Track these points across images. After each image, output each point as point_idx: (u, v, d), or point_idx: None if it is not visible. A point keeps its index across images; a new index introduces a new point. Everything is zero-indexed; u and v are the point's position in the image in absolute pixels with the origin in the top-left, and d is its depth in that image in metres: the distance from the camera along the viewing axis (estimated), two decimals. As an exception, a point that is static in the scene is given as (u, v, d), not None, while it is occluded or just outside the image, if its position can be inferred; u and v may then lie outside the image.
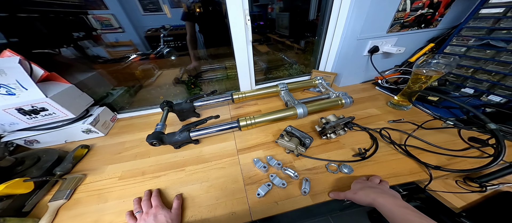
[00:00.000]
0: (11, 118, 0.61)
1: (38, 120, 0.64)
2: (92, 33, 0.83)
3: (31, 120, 0.63)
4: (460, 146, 0.60)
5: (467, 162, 0.55)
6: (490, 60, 0.72)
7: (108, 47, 0.91)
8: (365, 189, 0.45)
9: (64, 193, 0.52)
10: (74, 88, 0.71)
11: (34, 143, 0.68)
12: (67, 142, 0.73)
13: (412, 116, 0.74)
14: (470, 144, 0.59)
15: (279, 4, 1.30)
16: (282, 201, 0.50)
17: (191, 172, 0.60)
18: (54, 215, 0.49)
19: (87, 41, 0.84)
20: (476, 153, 0.57)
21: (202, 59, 1.15)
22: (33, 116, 0.62)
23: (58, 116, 0.65)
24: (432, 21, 0.84)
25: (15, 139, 0.64)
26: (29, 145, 0.68)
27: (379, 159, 0.58)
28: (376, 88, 0.95)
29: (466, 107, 0.53)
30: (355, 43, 0.83)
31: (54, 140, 0.70)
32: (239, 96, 0.86)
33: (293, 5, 1.26)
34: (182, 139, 0.63)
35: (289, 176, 0.55)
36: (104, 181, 0.58)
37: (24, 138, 0.65)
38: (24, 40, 0.66)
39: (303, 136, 0.62)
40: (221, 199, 0.52)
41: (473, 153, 0.57)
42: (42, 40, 0.71)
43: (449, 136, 0.64)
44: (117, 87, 0.97)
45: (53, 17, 0.70)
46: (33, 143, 0.68)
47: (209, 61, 1.16)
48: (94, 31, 0.83)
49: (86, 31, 0.82)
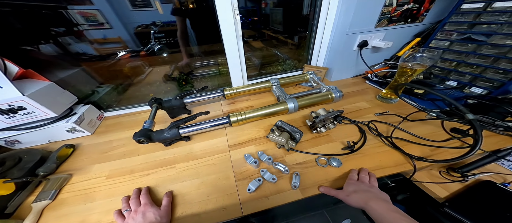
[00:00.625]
0: (-13, 117, 0.57)
1: (17, 119, 0.61)
2: (74, 29, 0.78)
3: (10, 120, 0.60)
4: (443, 136, 0.61)
5: (449, 152, 0.57)
6: (471, 54, 0.74)
7: (96, 44, 0.85)
8: (358, 192, 0.45)
9: (49, 194, 0.50)
10: (54, 86, 0.67)
11: (15, 143, 0.65)
12: (50, 141, 0.70)
13: (399, 108, 0.75)
14: (451, 134, 0.61)
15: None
16: (273, 195, 0.50)
17: (182, 169, 0.59)
18: (38, 216, 0.48)
19: (69, 37, 0.79)
20: (458, 143, 0.59)
21: (195, 55, 1.12)
22: (11, 115, 0.59)
23: (38, 115, 0.62)
24: (418, 16, 0.85)
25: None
26: (10, 145, 0.65)
27: (367, 151, 0.59)
28: (366, 82, 0.96)
29: (447, 99, 0.54)
30: (344, 38, 0.84)
31: (36, 140, 0.67)
32: (231, 92, 0.85)
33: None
34: (171, 136, 0.62)
35: (280, 170, 0.55)
36: (90, 181, 0.56)
37: (4, 138, 0.62)
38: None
39: (293, 130, 0.62)
40: (212, 195, 0.51)
41: (455, 143, 0.59)
42: (16, 36, 0.66)
43: (433, 127, 0.65)
44: (104, 85, 0.93)
45: (27, 11, 0.65)
46: (14, 143, 0.65)
47: (201, 58, 1.13)
48: (75, 26, 0.78)
49: (67, 27, 0.77)
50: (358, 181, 0.49)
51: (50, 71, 0.70)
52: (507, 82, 0.66)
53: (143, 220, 0.42)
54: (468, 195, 0.56)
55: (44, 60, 0.70)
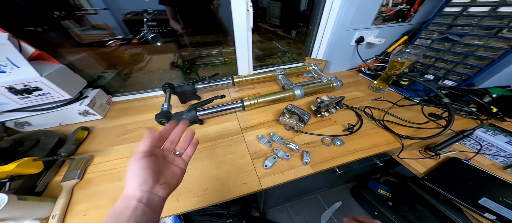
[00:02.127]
0: (0, 97, 0.54)
1: (30, 100, 0.58)
2: (74, 12, 0.74)
3: (23, 100, 0.57)
4: (423, 120, 0.71)
5: (427, 132, 0.66)
6: (447, 52, 0.84)
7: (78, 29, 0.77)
8: None
9: (75, 173, 0.51)
10: (66, 69, 0.65)
11: (25, 125, 0.62)
12: (61, 124, 0.68)
13: (388, 97, 0.84)
14: (429, 118, 0.71)
15: (271, -8, 1.29)
16: (287, 171, 0.54)
17: (200, 150, 0.61)
18: (70, 195, 0.48)
19: (69, 21, 0.75)
20: (434, 125, 0.68)
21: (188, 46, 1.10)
22: (25, 96, 0.56)
23: (53, 96, 0.60)
24: (408, 16, 0.94)
25: (6, 120, 0.58)
26: (19, 128, 0.62)
27: (364, 132, 0.67)
28: (360, 75, 1.04)
29: (430, 87, 0.63)
30: (344, 33, 0.90)
31: (47, 122, 0.65)
32: (240, 80, 0.87)
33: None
34: (189, 118, 0.64)
35: (291, 149, 0.60)
36: (113, 161, 0.57)
37: (15, 120, 0.59)
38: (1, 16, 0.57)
39: (302, 113, 0.66)
40: (232, 172, 0.54)
41: (432, 125, 0.68)
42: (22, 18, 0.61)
43: (414, 113, 0.75)
44: (108, 71, 0.90)
45: None
46: (24, 125, 0.62)
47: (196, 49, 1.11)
48: (77, 10, 0.73)
49: (66, 11, 0.72)
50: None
51: (60, 54, 0.67)
52: (472, 76, 0.77)
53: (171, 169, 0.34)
54: (440, 170, 0.67)
55: (54, 43, 0.66)
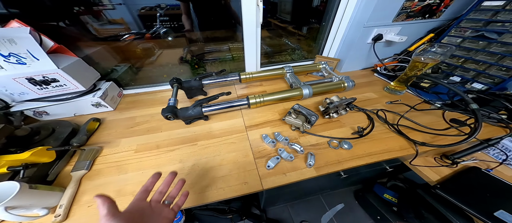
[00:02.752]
0: (21, 87, 0.59)
1: (48, 91, 0.63)
2: (92, 8, 0.78)
3: (42, 91, 0.62)
4: (443, 126, 0.66)
5: (447, 140, 0.61)
6: (480, 51, 0.77)
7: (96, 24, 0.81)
8: None
9: (84, 164, 0.53)
10: (81, 62, 0.69)
11: (43, 114, 0.67)
12: (76, 115, 0.72)
13: (405, 100, 0.79)
14: (450, 124, 0.66)
15: (282, -13, 1.25)
16: (290, 172, 0.54)
17: (204, 146, 0.62)
18: (78, 184, 0.51)
19: (88, 16, 0.79)
20: (455, 132, 0.64)
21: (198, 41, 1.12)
22: (43, 87, 0.61)
23: (69, 87, 0.64)
24: (437, 11, 0.86)
25: (25, 109, 0.63)
26: (38, 116, 0.67)
27: (375, 137, 0.63)
28: (375, 75, 0.99)
29: (455, 90, 0.58)
30: (361, 30, 0.85)
31: (63, 112, 0.69)
32: (247, 77, 0.87)
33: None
34: (195, 114, 0.65)
35: (296, 150, 0.59)
36: (120, 154, 0.59)
37: (34, 109, 0.64)
38: (25, 12, 0.61)
39: (309, 113, 0.65)
40: (234, 171, 0.55)
41: (453, 132, 0.64)
42: (44, 13, 0.66)
43: (434, 117, 0.70)
44: (121, 64, 0.94)
45: None
46: (42, 114, 0.67)
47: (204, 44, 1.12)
48: (95, 6, 0.77)
49: (86, 6, 0.76)
50: None
51: (77, 47, 0.71)
52: (507, 79, 0.70)
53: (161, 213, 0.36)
54: (456, 179, 0.63)
55: (72, 37, 0.71)
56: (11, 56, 0.53)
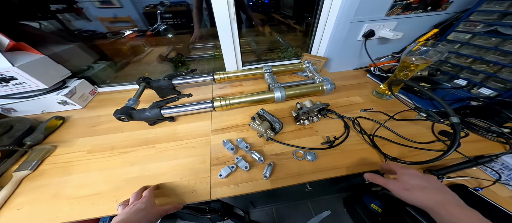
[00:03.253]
0: (-18, 85, 0.61)
1: (10, 89, 0.64)
2: (73, 6, 0.79)
3: (3, 88, 0.64)
4: (429, 138, 0.58)
5: (427, 155, 0.54)
6: (492, 49, 0.66)
7: (106, 22, 0.87)
8: (427, 189, 0.35)
9: (30, 164, 0.53)
10: (47, 59, 0.70)
11: (11, 111, 0.69)
12: (44, 112, 0.74)
13: (393, 105, 0.71)
14: (438, 136, 0.58)
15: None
16: (244, 183, 0.50)
17: (161, 150, 0.60)
18: (16, 186, 0.50)
19: (68, 14, 0.81)
20: (441, 146, 0.56)
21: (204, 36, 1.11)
22: (4, 84, 0.63)
23: (29, 85, 0.65)
24: (441, 3, 0.75)
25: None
26: (6, 113, 0.70)
27: (345, 148, 0.57)
28: (367, 76, 0.90)
29: (435, 97, 0.49)
30: (348, 26, 0.77)
31: (30, 109, 0.71)
32: (221, 77, 0.83)
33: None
34: (153, 116, 0.63)
35: (255, 159, 0.55)
36: (72, 154, 0.59)
37: (1, 106, 0.66)
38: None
39: (274, 120, 0.60)
40: (185, 177, 0.52)
41: (438, 146, 0.56)
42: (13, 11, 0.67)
43: (421, 128, 0.62)
44: (100, 61, 0.95)
45: None
46: (10, 111, 0.69)
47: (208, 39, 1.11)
48: (74, 4, 0.79)
49: (67, 4, 0.78)
50: (424, 174, 0.40)
51: (45, 45, 0.72)
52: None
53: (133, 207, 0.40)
54: None
55: (38, 35, 0.72)
56: None
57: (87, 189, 0.50)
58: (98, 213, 0.46)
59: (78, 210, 0.46)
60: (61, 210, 0.46)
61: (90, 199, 0.48)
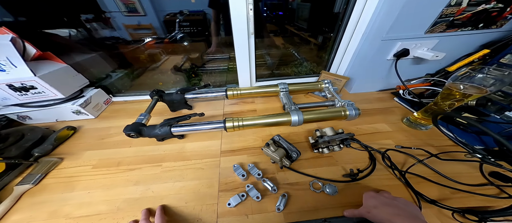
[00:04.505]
0: (2, 93, 0.65)
1: (28, 97, 0.68)
2: (102, 16, 0.86)
3: (22, 97, 0.68)
4: (476, 180, 0.51)
5: (475, 199, 0.47)
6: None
7: (130, 30, 0.96)
8: (379, 207, 0.40)
9: (34, 178, 0.53)
10: (68, 69, 0.74)
11: (26, 118, 0.74)
12: (58, 121, 0.78)
13: (430, 137, 0.65)
14: (489, 179, 0.51)
15: (302, -7, 1.21)
16: (253, 214, 0.48)
17: (168, 169, 0.59)
18: (15, 200, 0.50)
19: (96, 24, 0.88)
20: (493, 191, 0.49)
21: (219, 47, 1.15)
22: (23, 93, 0.67)
23: (47, 94, 0.69)
24: (497, 19, 0.68)
25: (8, 113, 0.70)
26: (22, 120, 0.74)
27: (371, 182, 0.53)
28: (395, 99, 0.84)
29: (497, 137, 0.43)
30: (378, 44, 0.73)
31: (45, 117, 0.75)
32: (234, 93, 0.83)
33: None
34: (162, 133, 0.63)
35: (267, 188, 0.52)
36: (77, 168, 0.60)
37: (17, 113, 0.71)
38: (32, 20, 0.71)
39: (291, 149, 0.57)
40: (191, 202, 0.51)
41: (488, 190, 0.49)
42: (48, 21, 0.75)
43: (465, 167, 0.55)
44: (118, 70, 1.00)
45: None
46: (26, 118, 0.73)
47: (222, 50, 1.15)
48: (102, 13, 0.86)
49: (95, 13, 0.85)
50: (378, 194, 0.45)
51: (69, 54, 0.77)
52: None
53: None
54: None
55: (64, 44, 0.78)
56: None
57: (87, 208, 0.50)
58: None
59: None
60: None
61: (88, 220, 0.47)
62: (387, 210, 0.39)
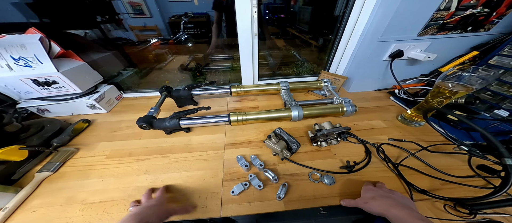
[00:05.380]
0: (26, 87, 0.69)
1: (50, 91, 0.72)
2: (115, 17, 0.90)
3: (44, 91, 0.71)
4: (465, 172, 0.53)
5: (463, 190, 0.50)
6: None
7: (136, 31, 0.98)
8: (376, 198, 0.43)
9: (53, 166, 0.56)
10: (86, 66, 0.78)
11: (45, 112, 0.77)
12: (73, 114, 0.81)
13: (422, 133, 0.67)
14: (476, 172, 0.53)
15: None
16: (255, 202, 0.50)
17: (175, 160, 0.62)
18: (36, 186, 0.53)
19: (110, 25, 0.91)
20: (480, 182, 0.51)
21: (219, 47, 1.17)
22: (45, 87, 0.70)
23: (67, 89, 0.73)
24: (485, 23, 0.71)
25: (29, 106, 0.73)
26: (41, 113, 0.77)
27: (366, 174, 0.55)
28: (391, 98, 0.87)
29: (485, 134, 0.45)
30: (374, 45, 0.75)
31: (62, 111, 0.79)
32: (238, 90, 0.86)
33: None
34: (171, 126, 0.66)
35: (269, 178, 0.54)
36: (92, 158, 0.62)
37: (37, 106, 0.74)
38: (54, 21, 0.75)
39: (291, 141, 0.60)
40: (197, 190, 0.53)
41: (475, 181, 0.51)
42: (69, 22, 0.80)
43: (455, 160, 0.57)
44: (129, 68, 1.04)
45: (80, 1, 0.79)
46: (45, 111, 0.77)
47: (222, 51, 1.18)
48: (116, 15, 0.89)
49: (110, 15, 0.89)
50: (376, 187, 0.48)
51: (87, 53, 0.81)
52: None
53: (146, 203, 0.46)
54: None
55: (83, 44, 0.82)
56: (20, 59, 0.63)
57: (101, 195, 0.52)
58: (107, 222, 0.46)
59: (88, 217, 0.47)
60: (72, 216, 0.47)
61: (102, 206, 0.49)
62: (384, 201, 0.42)
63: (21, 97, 0.72)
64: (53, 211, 0.48)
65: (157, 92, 0.99)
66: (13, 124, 0.59)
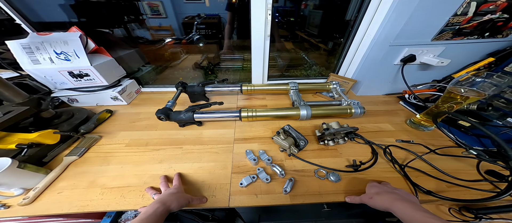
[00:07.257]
0: (62, 78, 0.74)
1: (81, 83, 0.77)
2: (139, 17, 0.95)
3: (76, 82, 0.76)
4: (472, 177, 0.52)
5: (470, 193, 0.48)
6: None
7: (152, 30, 1.03)
8: (381, 194, 0.43)
9: (79, 150, 0.59)
10: (113, 61, 0.82)
11: (74, 101, 0.82)
12: (98, 105, 0.86)
13: (431, 138, 0.65)
14: (484, 176, 0.51)
15: (314, 0, 1.23)
16: (262, 195, 0.50)
17: (187, 151, 0.63)
18: (63, 169, 0.55)
19: (134, 24, 0.96)
20: (487, 186, 0.49)
21: (233, 48, 1.20)
22: (78, 79, 0.75)
23: (96, 82, 0.77)
24: (503, 29, 0.68)
25: (62, 96, 0.79)
26: (70, 103, 0.82)
27: (372, 173, 0.54)
28: (400, 103, 0.84)
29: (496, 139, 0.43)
30: (386, 49, 0.74)
31: (89, 101, 0.83)
32: (248, 88, 0.87)
33: (329, 2, 1.18)
34: (186, 118, 0.68)
35: (276, 173, 0.55)
36: (113, 145, 0.65)
37: (68, 96, 0.79)
38: (90, 20, 0.81)
39: (299, 137, 0.60)
40: (207, 181, 0.54)
41: (483, 186, 0.50)
42: (102, 21, 0.86)
43: (463, 165, 0.56)
44: (148, 65, 1.08)
45: (114, 2, 0.85)
46: (74, 101, 0.82)
47: (233, 52, 1.20)
48: (140, 15, 0.95)
49: (135, 15, 0.94)
50: (380, 184, 0.48)
51: (114, 50, 0.86)
52: None
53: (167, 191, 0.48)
54: None
55: (113, 41, 0.87)
56: (61, 53, 0.68)
57: (120, 180, 0.54)
58: (124, 206, 0.48)
59: (107, 200, 0.49)
60: (93, 198, 0.49)
61: (120, 191, 0.51)
62: (389, 196, 0.42)
63: (56, 87, 0.78)
64: (76, 193, 0.50)
65: (171, 87, 1.03)
66: (49, 110, 0.63)
